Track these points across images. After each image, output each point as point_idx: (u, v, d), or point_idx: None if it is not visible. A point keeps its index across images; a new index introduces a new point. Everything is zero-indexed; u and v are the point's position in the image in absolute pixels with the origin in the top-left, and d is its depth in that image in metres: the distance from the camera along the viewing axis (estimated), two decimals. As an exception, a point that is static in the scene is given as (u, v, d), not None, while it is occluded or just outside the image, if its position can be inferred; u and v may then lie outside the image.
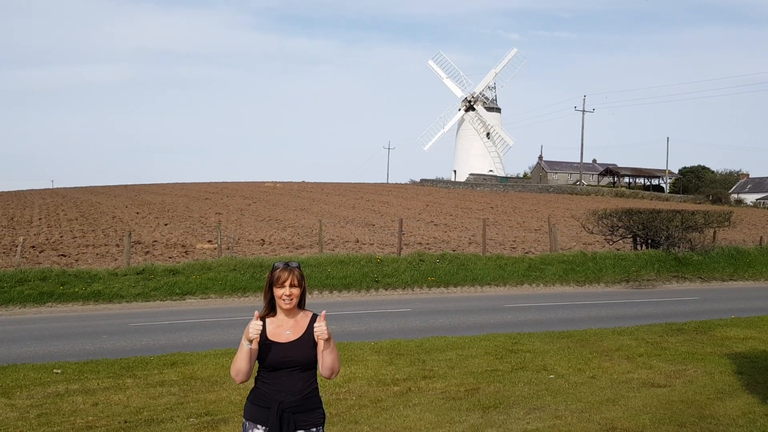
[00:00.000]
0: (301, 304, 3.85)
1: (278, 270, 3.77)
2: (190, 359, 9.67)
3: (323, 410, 3.84)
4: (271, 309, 3.83)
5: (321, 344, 3.73)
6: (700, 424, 6.54)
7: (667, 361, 9.39)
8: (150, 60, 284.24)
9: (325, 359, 3.74)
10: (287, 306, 3.77)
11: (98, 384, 8.35)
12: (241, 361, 3.71)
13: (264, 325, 3.79)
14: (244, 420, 3.79)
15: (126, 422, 6.80)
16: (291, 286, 3.75)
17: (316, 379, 3.82)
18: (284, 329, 3.78)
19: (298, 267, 3.81)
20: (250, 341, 3.68)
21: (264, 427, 3.70)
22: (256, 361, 3.78)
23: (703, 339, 11.04)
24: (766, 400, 7.35)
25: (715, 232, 25.36)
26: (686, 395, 7.58)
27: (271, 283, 3.79)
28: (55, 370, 9.05)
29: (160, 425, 6.71)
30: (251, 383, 3.88)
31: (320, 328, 3.70)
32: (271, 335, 3.76)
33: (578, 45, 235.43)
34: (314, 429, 3.76)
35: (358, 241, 28.79)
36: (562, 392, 7.81)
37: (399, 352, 10.06)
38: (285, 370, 3.72)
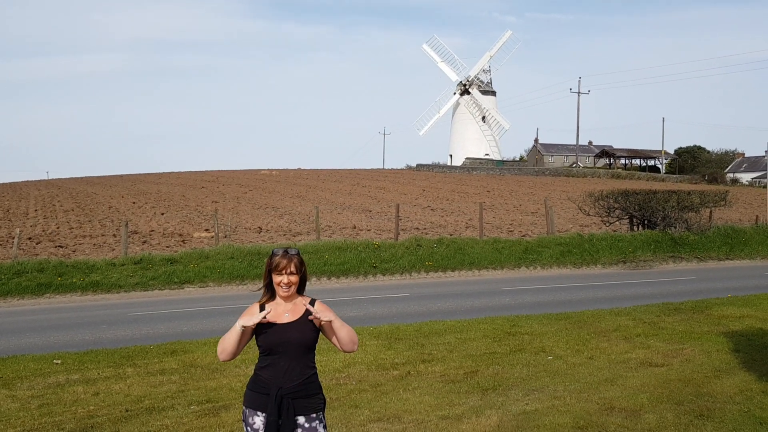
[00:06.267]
0: (300, 291, 3.84)
1: (277, 256, 3.75)
2: (189, 347, 9.70)
3: (323, 395, 3.82)
4: (270, 295, 3.83)
5: (330, 324, 3.72)
6: (698, 402, 6.58)
7: (665, 341, 9.44)
8: (143, 49, 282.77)
9: (341, 336, 3.75)
10: (285, 293, 3.75)
11: (99, 373, 8.37)
12: (229, 341, 3.71)
13: (262, 310, 3.79)
14: (243, 407, 3.78)
15: (127, 411, 6.83)
16: (289, 273, 3.73)
17: (314, 364, 3.81)
18: (282, 312, 3.77)
19: (297, 254, 3.78)
20: (243, 327, 3.69)
21: (264, 414, 3.68)
22: (257, 347, 3.78)
23: (699, 318, 11.09)
24: (763, 377, 7.41)
25: (711, 212, 25.41)
26: (683, 374, 7.63)
27: (270, 270, 3.79)
28: (55, 361, 9.07)
29: (161, 413, 6.74)
30: (251, 371, 3.88)
31: (322, 313, 3.70)
32: (269, 317, 3.74)
33: (574, 27, 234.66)
34: (314, 414, 3.73)
35: (355, 228, 28.79)
36: (560, 373, 7.85)
37: (398, 337, 10.10)
38: (283, 353, 3.69)
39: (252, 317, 3.69)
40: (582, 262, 20.94)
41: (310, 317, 3.71)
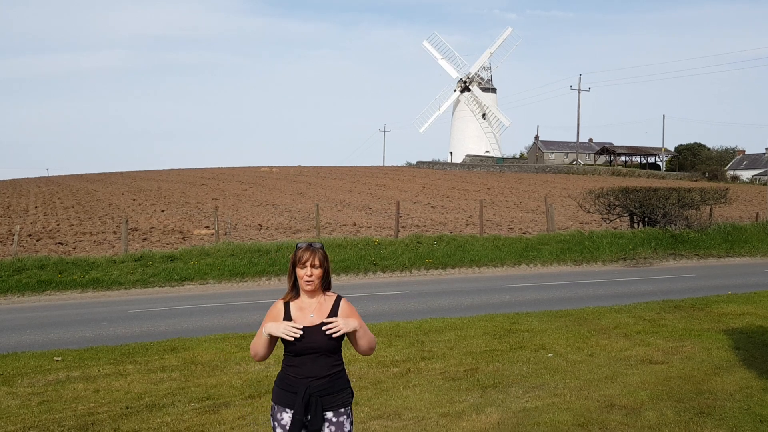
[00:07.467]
0: (325, 286, 3.80)
1: (301, 250, 3.72)
2: (190, 344, 9.71)
3: (351, 389, 3.81)
4: (295, 292, 3.79)
5: (354, 332, 3.72)
6: (698, 400, 6.59)
7: (665, 338, 9.44)
8: (144, 46, 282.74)
9: (361, 344, 3.77)
10: (309, 288, 3.71)
11: (99, 370, 8.38)
12: (260, 347, 3.73)
13: (288, 309, 3.74)
14: (273, 403, 3.78)
15: (128, 408, 6.83)
16: (312, 266, 3.70)
17: (341, 360, 3.79)
18: (307, 312, 3.72)
19: (321, 248, 3.76)
20: (269, 334, 3.67)
21: (292, 411, 3.68)
22: (282, 344, 3.76)
23: (700, 315, 11.09)
24: (763, 374, 7.41)
25: (711, 209, 25.39)
26: (684, 371, 7.64)
27: (294, 263, 3.75)
28: (55, 358, 9.07)
29: (161, 410, 6.74)
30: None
31: (345, 325, 3.65)
32: (295, 318, 3.71)
33: (574, 24, 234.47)
34: (342, 409, 3.72)
35: (355, 225, 28.79)
36: (560, 370, 7.86)
37: (398, 334, 10.10)
38: (309, 355, 3.67)
39: (279, 327, 3.64)
40: (582, 260, 20.94)
41: (330, 327, 3.65)
